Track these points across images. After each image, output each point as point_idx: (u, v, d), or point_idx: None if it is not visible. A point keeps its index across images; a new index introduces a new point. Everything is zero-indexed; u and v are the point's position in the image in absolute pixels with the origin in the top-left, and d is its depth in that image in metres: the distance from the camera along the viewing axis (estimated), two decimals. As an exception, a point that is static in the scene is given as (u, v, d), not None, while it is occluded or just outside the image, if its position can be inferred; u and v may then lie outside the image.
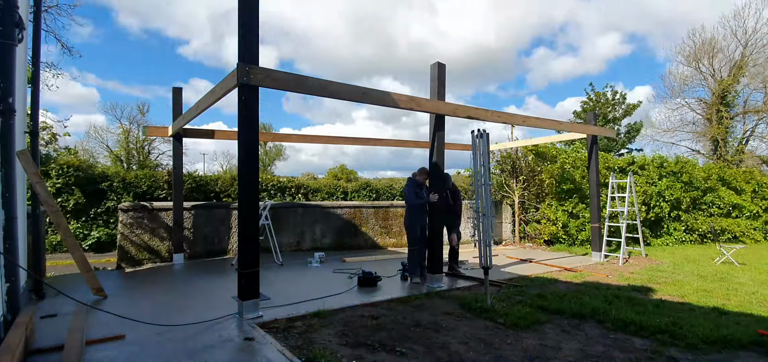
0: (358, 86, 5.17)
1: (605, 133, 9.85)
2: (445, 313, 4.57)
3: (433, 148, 6.12)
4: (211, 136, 8.58)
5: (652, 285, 6.15)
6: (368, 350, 3.47)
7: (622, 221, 8.68)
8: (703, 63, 23.40)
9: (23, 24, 3.87)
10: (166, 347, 3.47)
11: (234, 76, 4.19)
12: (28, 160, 4.56)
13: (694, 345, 3.62)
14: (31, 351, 3.34)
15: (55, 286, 5.63)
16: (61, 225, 4.98)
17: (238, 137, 4.33)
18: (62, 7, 13.36)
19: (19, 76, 4.08)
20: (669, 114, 24.84)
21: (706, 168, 14.37)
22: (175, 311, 4.61)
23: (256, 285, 4.32)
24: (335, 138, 9.84)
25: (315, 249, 9.32)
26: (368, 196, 14.44)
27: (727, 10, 38.85)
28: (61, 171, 10.07)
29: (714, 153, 22.97)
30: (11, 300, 3.69)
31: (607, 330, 4.08)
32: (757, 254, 10.41)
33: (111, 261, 8.99)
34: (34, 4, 5.53)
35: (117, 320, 4.23)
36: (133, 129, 27.29)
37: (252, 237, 4.29)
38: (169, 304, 4.95)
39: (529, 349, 3.54)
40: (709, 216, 13.21)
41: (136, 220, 7.69)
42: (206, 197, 11.23)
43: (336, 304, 4.82)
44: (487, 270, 5.02)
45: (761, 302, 5.23)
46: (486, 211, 5.04)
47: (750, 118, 23.07)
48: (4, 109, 3.56)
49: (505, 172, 12.78)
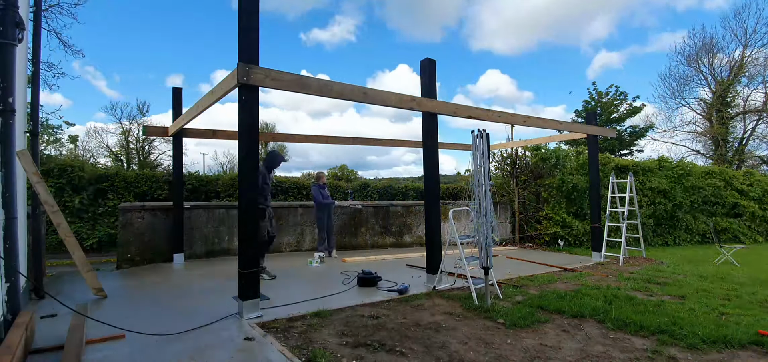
0: (359, 86, 5.17)
1: (605, 132, 9.85)
2: (445, 313, 4.57)
3: (427, 147, 6.07)
4: (212, 136, 8.58)
5: (652, 285, 6.15)
6: (368, 350, 3.47)
7: (622, 221, 8.68)
8: (703, 63, 23.42)
9: (23, 24, 3.87)
10: (166, 347, 3.47)
11: (234, 76, 4.19)
12: (28, 160, 4.56)
13: (694, 345, 3.62)
14: (31, 351, 3.34)
15: (50, 292, 5.64)
16: (61, 225, 4.98)
17: (238, 137, 4.33)
18: (64, 6, 13.32)
19: (19, 76, 4.08)
20: (669, 114, 24.87)
21: (707, 169, 14.38)
22: (174, 311, 4.61)
23: (256, 285, 4.32)
24: (335, 138, 9.82)
25: (315, 249, 9.33)
26: (369, 197, 14.45)
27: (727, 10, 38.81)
28: (62, 171, 10.08)
29: (714, 153, 22.97)
30: (11, 300, 3.69)
31: (607, 329, 4.08)
32: (757, 254, 10.41)
33: (111, 260, 8.99)
34: (34, 4, 5.53)
35: (117, 319, 4.23)
36: (133, 129, 27.27)
37: (252, 237, 4.29)
38: (169, 304, 4.95)
39: (529, 349, 3.54)
40: (710, 216, 13.22)
41: (136, 220, 7.69)
42: (206, 197, 11.23)
43: (336, 304, 4.82)
44: (487, 270, 5.02)
45: (761, 302, 5.23)
46: (486, 211, 5.04)
47: (750, 118, 23.07)
48: (4, 109, 3.56)
49: (505, 172, 12.79)
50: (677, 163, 13.43)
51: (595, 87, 25.90)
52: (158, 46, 56.38)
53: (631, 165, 12.48)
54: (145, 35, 52.51)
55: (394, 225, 10.91)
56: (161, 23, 57.02)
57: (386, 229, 10.79)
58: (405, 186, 15.76)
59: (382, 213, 10.77)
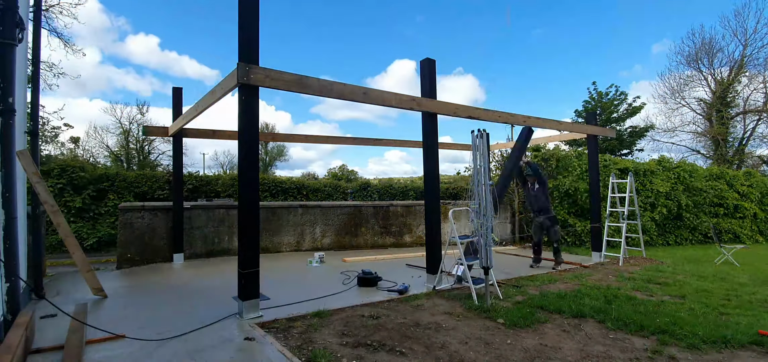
0: (360, 86, 5.17)
1: (605, 132, 9.84)
2: (445, 313, 4.57)
3: (427, 147, 6.07)
4: (212, 136, 8.58)
5: (652, 285, 6.15)
6: (368, 350, 3.47)
7: (622, 221, 8.68)
8: (703, 63, 23.42)
9: (23, 24, 3.87)
10: (167, 346, 3.47)
11: (234, 76, 4.19)
12: (28, 160, 4.56)
13: (694, 345, 3.62)
14: (31, 351, 3.34)
15: (50, 292, 5.64)
16: (61, 225, 4.98)
17: (238, 137, 4.33)
18: (64, 5, 13.33)
19: (19, 76, 4.08)
20: (669, 114, 24.87)
21: (708, 170, 14.39)
22: (175, 311, 4.61)
23: (256, 285, 4.32)
24: (335, 138, 9.84)
25: (315, 249, 9.33)
26: (369, 197, 14.45)
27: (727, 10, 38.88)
28: (62, 171, 10.08)
29: (714, 153, 22.97)
30: (11, 300, 3.69)
31: (607, 329, 4.08)
32: (757, 254, 10.41)
33: (112, 260, 9.00)
34: (34, 4, 5.53)
35: (117, 319, 4.24)
36: (132, 128, 27.27)
37: (252, 237, 4.29)
38: (169, 304, 4.95)
39: (529, 349, 3.54)
40: (712, 217, 13.22)
41: (136, 220, 7.69)
42: (206, 197, 11.23)
43: (336, 304, 4.82)
44: (487, 270, 5.02)
45: (761, 302, 5.23)
46: (486, 211, 5.04)
47: (750, 118, 23.07)
48: (4, 109, 3.56)
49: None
50: (678, 164, 13.43)
51: (595, 87, 25.89)
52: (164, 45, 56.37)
53: (631, 166, 12.49)
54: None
55: (394, 225, 10.91)
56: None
57: (386, 229, 10.79)
58: (405, 185, 15.77)
59: (382, 213, 10.77)
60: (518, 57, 66.69)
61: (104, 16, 41.96)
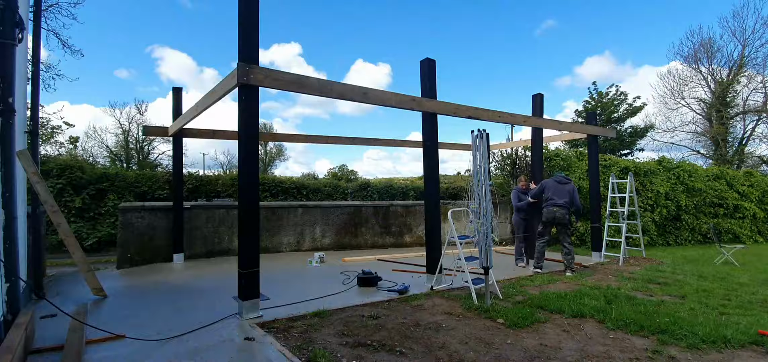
0: (360, 86, 5.18)
1: (605, 132, 9.85)
2: (445, 313, 4.57)
3: (427, 147, 6.07)
4: (212, 136, 8.58)
5: (652, 285, 6.15)
6: (368, 350, 3.46)
7: (622, 221, 8.68)
8: (703, 63, 23.43)
9: (23, 24, 3.87)
10: (167, 346, 3.47)
11: (234, 76, 4.19)
12: (28, 159, 4.56)
13: (694, 344, 3.62)
14: (31, 351, 3.34)
15: (50, 292, 5.64)
16: (61, 225, 4.98)
17: (238, 137, 4.33)
18: (63, 5, 13.31)
19: (19, 76, 4.08)
20: (669, 114, 24.87)
21: (708, 170, 14.39)
22: (174, 311, 4.61)
23: (256, 285, 4.32)
24: (335, 138, 9.83)
25: (315, 249, 9.33)
26: (369, 197, 14.44)
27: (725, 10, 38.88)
28: (62, 171, 10.07)
29: (714, 153, 22.97)
30: (11, 300, 3.69)
31: (607, 329, 4.08)
32: (757, 254, 10.41)
33: (112, 260, 8.99)
34: (34, 4, 5.53)
35: (117, 319, 4.24)
36: (132, 128, 27.28)
37: (252, 237, 4.29)
38: (169, 304, 4.94)
39: (529, 349, 3.54)
40: (712, 217, 13.22)
41: (136, 220, 7.69)
42: (207, 197, 11.22)
43: (336, 304, 4.82)
44: (487, 270, 5.02)
45: (761, 302, 5.23)
46: (486, 211, 5.04)
47: (750, 118, 23.08)
48: (4, 109, 3.56)
49: (505, 172, 12.78)
50: (678, 164, 13.42)
51: (596, 87, 25.91)
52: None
53: (632, 166, 12.49)
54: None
55: (394, 225, 10.91)
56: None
57: (386, 229, 10.79)
58: (405, 185, 15.76)
59: (382, 213, 10.77)
60: (519, 55, 66.36)
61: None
